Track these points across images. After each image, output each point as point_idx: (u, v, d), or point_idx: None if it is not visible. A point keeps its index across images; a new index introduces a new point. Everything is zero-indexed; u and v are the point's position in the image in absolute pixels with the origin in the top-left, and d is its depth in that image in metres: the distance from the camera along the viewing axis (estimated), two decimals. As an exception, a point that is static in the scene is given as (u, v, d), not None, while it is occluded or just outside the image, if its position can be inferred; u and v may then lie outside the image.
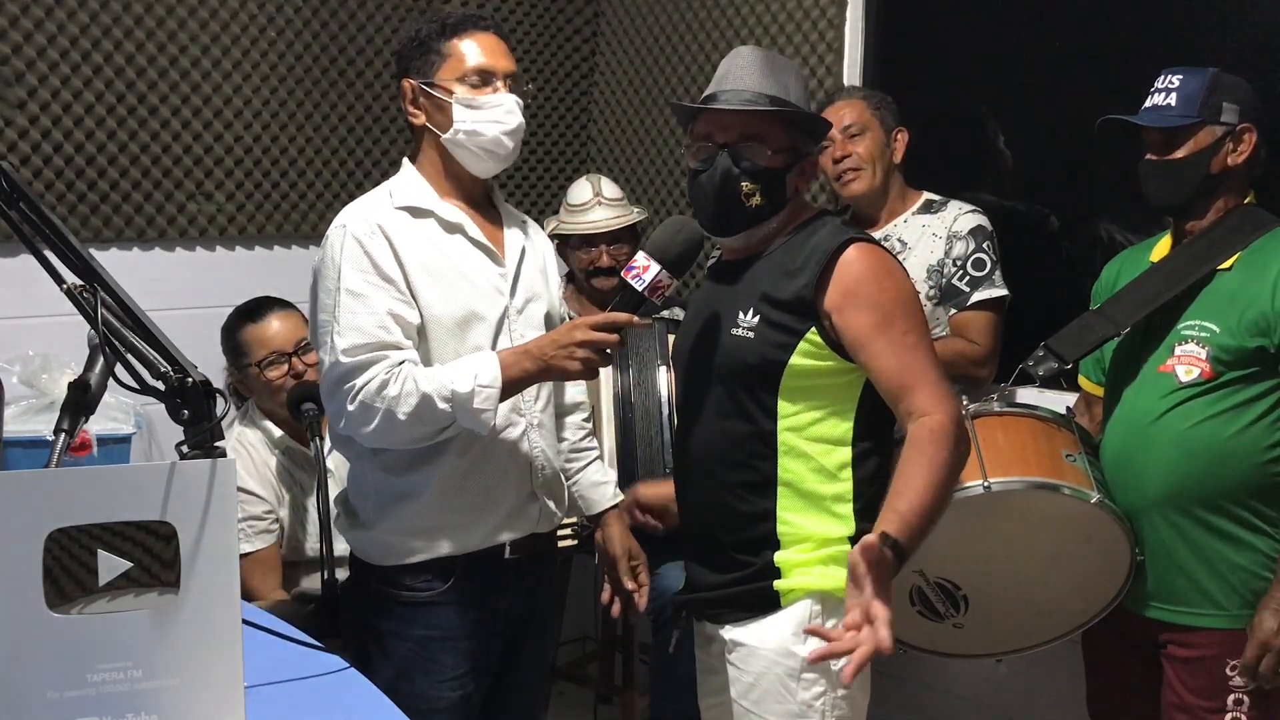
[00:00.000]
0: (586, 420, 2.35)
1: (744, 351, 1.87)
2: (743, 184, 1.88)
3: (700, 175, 1.91)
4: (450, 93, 1.98)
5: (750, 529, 1.90)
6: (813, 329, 1.83)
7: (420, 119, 2.03)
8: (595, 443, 2.36)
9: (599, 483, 2.32)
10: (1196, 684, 2.12)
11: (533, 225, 2.20)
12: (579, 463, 2.30)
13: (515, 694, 2.20)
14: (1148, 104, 2.15)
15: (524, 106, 2.03)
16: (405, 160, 2.10)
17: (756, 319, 1.86)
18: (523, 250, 2.11)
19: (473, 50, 2.00)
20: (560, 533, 2.49)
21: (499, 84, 2.00)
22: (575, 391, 2.30)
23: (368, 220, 1.95)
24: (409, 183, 2.04)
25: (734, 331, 1.88)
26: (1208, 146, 2.11)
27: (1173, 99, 2.11)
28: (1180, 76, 2.12)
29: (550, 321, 2.14)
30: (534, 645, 2.20)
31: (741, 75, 1.90)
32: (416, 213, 2.00)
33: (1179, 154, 2.12)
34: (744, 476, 1.89)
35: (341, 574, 2.54)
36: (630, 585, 2.26)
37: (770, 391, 1.86)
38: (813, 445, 1.86)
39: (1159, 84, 2.15)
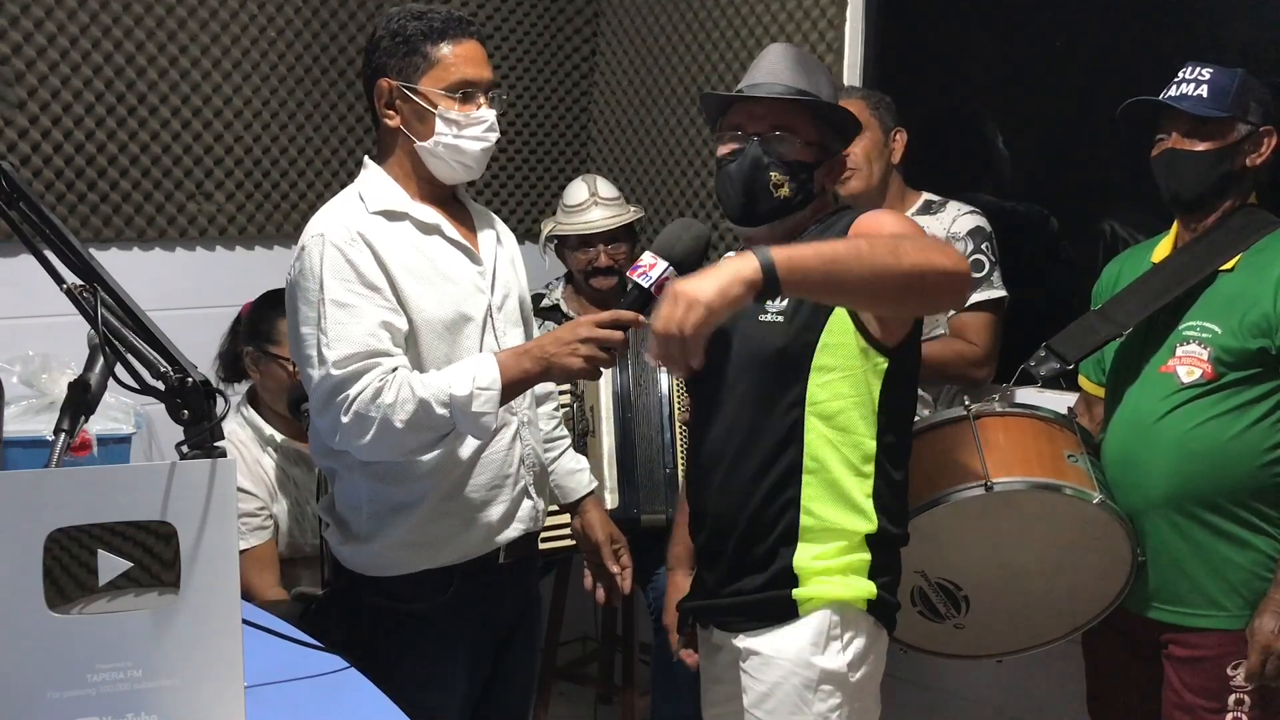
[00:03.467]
0: (556, 410, 2.34)
1: (774, 336, 1.86)
2: (772, 174, 1.88)
3: (729, 165, 1.91)
4: (434, 104, 1.92)
5: (772, 521, 1.88)
6: None
7: (395, 121, 1.95)
8: (565, 431, 2.35)
9: (574, 470, 2.30)
10: (1197, 684, 2.12)
11: (497, 219, 2.17)
12: (553, 452, 2.28)
13: (504, 698, 2.19)
14: (1172, 92, 2.13)
15: (500, 115, 1.99)
16: (368, 161, 2.02)
17: (785, 302, 1.85)
18: (495, 246, 2.09)
19: (459, 60, 1.93)
20: (561, 532, 2.49)
21: (481, 99, 1.96)
22: (545, 384, 2.27)
23: (346, 228, 1.88)
24: (380, 185, 1.97)
25: (762, 318, 1.87)
26: (1235, 143, 2.10)
27: (1204, 90, 2.09)
28: (1210, 70, 2.11)
29: (523, 315, 2.13)
30: (522, 649, 2.20)
31: (775, 69, 1.90)
32: (392, 216, 1.94)
33: (1206, 145, 2.10)
34: (769, 466, 1.88)
35: (312, 584, 2.54)
36: (614, 568, 2.25)
37: (800, 378, 1.85)
38: (840, 435, 1.86)
39: (1185, 75, 2.13)
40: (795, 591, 1.87)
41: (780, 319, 1.86)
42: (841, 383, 1.85)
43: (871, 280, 1.60)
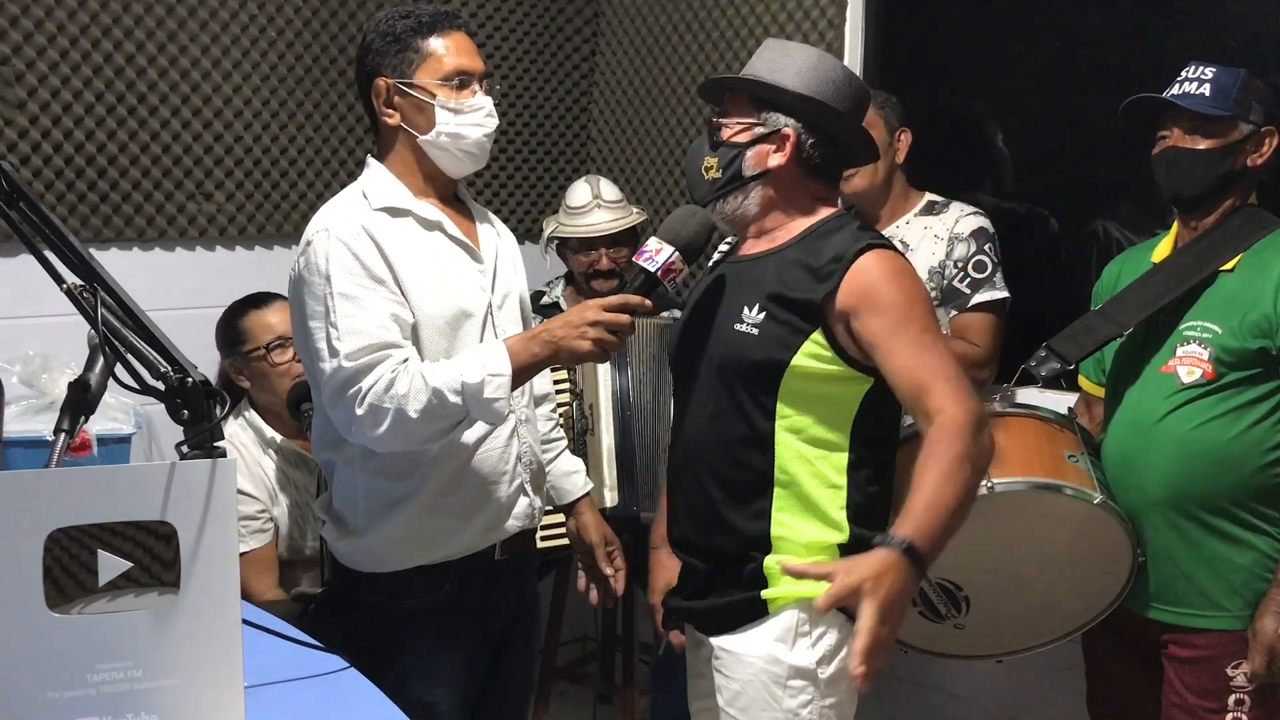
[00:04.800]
0: (554, 411, 2.35)
1: (747, 348, 1.85)
2: (706, 158, 1.94)
3: None
4: (432, 95, 1.94)
5: (743, 529, 1.88)
6: (818, 331, 1.81)
7: (395, 119, 1.97)
8: (562, 432, 2.36)
9: (570, 472, 2.31)
10: (1197, 684, 2.12)
11: (498, 221, 2.19)
12: (550, 453, 2.29)
13: (504, 695, 2.19)
14: (1175, 90, 2.13)
15: (501, 115, 2.02)
16: (371, 159, 2.04)
17: (762, 315, 1.84)
18: (496, 245, 2.10)
19: (451, 50, 1.96)
20: (560, 530, 2.50)
21: (476, 86, 1.98)
22: (544, 383, 2.28)
23: (351, 223, 1.90)
24: (382, 183, 1.99)
25: (737, 327, 1.87)
26: (1235, 142, 2.10)
27: (1206, 89, 2.09)
28: (1212, 70, 2.10)
29: (523, 314, 2.14)
30: (521, 646, 2.20)
31: (750, 63, 1.94)
32: (395, 213, 1.96)
33: (1207, 144, 2.10)
34: (740, 475, 1.88)
35: (311, 584, 2.55)
36: (608, 570, 2.26)
37: (770, 391, 1.85)
38: (811, 449, 1.85)
39: (1188, 74, 2.13)
40: (764, 592, 1.87)
41: (754, 331, 1.85)
42: (816, 401, 1.84)
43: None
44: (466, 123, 1.96)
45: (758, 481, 1.87)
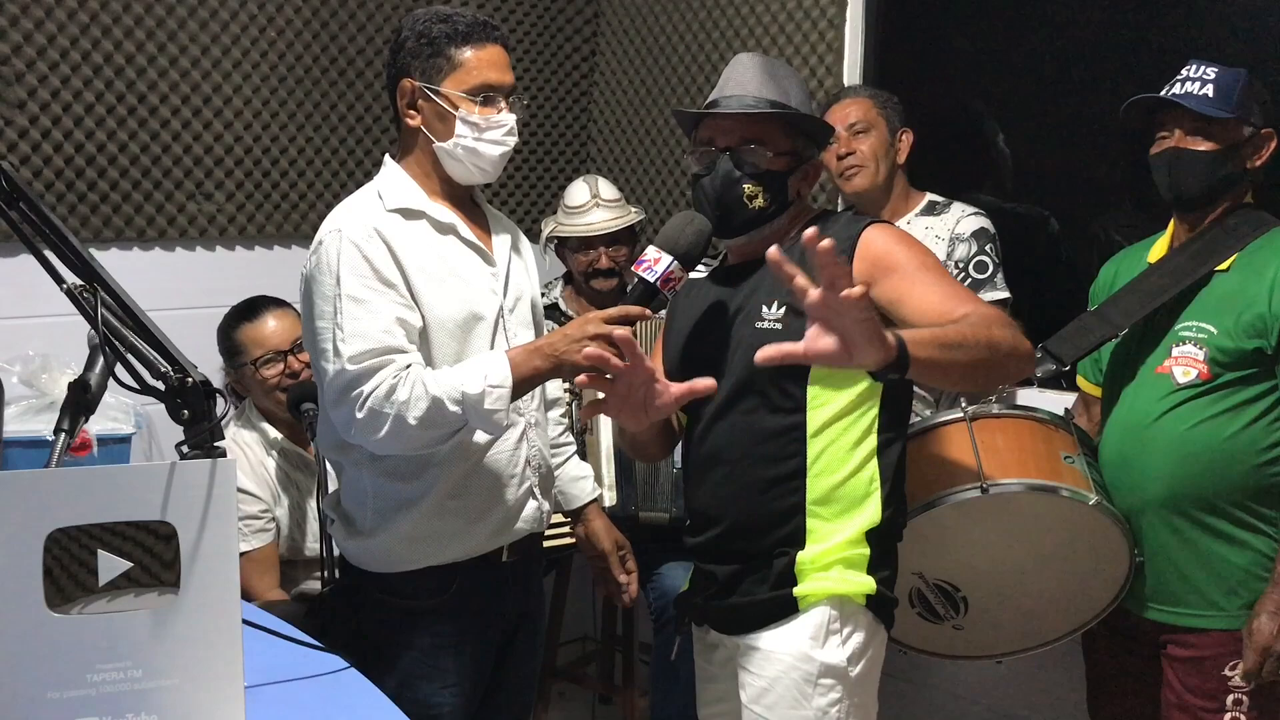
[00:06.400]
0: (563, 416, 2.35)
1: (773, 342, 1.86)
2: (744, 186, 1.90)
3: (703, 179, 1.94)
4: (455, 106, 1.94)
5: (778, 525, 1.89)
6: None
7: (416, 121, 1.97)
8: (571, 437, 2.36)
9: (578, 477, 2.32)
10: (1195, 684, 2.12)
11: (515, 226, 2.19)
12: (559, 458, 2.30)
13: (506, 696, 2.19)
14: (1176, 89, 2.12)
15: (524, 123, 2.02)
16: (388, 159, 2.04)
17: (783, 311, 1.86)
18: (510, 250, 2.11)
19: (483, 64, 1.96)
20: (561, 530, 2.50)
21: (502, 103, 1.99)
22: (554, 387, 2.29)
23: (364, 224, 1.90)
24: (398, 184, 1.99)
25: (760, 325, 1.88)
26: (1237, 144, 2.10)
27: (1209, 89, 2.08)
28: (1214, 69, 2.10)
29: (535, 318, 2.14)
30: (525, 647, 2.20)
31: (743, 81, 1.92)
32: (409, 214, 1.96)
33: (1209, 146, 2.10)
34: (773, 471, 1.88)
35: (312, 584, 2.55)
36: (622, 577, 2.27)
37: (800, 382, 1.86)
38: (841, 436, 1.87)
39: (1189, 73, 2.12)
40: (795, 589, 1.87)
41: (778, 326, 1.86)
42: (843, 382, 1.85)
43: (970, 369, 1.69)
44: (485, 139, 1.96)
45: (791, 474, 1.88)
